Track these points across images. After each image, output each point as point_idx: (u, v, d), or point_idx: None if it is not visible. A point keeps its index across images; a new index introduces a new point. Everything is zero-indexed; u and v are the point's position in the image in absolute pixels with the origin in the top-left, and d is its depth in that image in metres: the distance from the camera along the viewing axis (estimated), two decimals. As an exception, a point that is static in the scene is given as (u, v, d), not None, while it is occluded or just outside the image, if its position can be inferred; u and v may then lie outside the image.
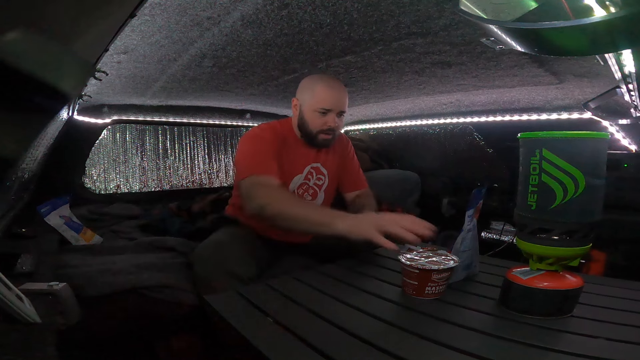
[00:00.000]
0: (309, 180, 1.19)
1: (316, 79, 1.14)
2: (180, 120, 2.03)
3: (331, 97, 1.10)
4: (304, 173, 1.18)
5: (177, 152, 2.09)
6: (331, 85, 1.11)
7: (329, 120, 1.11)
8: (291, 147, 1.15)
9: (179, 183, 2.09)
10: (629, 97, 0.95)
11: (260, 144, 1.07)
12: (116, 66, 1.08)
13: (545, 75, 1.15)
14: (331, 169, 1.23)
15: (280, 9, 0.76)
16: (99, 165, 1.86)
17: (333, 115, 1.11)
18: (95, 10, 0.27)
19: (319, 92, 1.10)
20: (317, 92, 1.11)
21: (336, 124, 1.13)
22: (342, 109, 1.13)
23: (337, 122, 1.13)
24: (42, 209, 1.20)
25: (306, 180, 1.18)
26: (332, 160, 1.23)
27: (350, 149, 1.34)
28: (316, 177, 1.21)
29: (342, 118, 1.16)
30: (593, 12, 0.41)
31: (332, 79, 1.14)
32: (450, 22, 0.81)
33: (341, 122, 1.16)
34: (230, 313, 0.63)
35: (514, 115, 1.69)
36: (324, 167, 1.22)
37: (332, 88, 1.11)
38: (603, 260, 1.23)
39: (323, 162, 1.21)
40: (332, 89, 1.11)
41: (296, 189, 1.17)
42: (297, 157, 1.16)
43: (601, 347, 0.51)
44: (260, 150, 1.06)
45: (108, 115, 1.78)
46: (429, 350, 0.51)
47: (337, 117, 1.13)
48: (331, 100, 1.10)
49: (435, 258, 0.71)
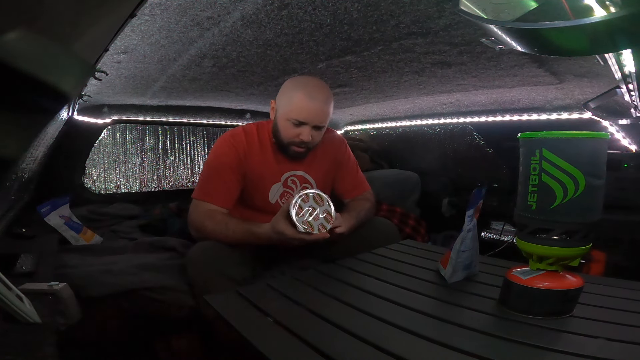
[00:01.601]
0: (293, 190, 1.12)
1: (297, 85, 1.02)
2: (180, 120, 2.03)
3: (308, 109, 0.99)
4: (281, 181, 1.10)
5: (177, 152, 2.09)
6: (312, 96, 0.99)
7: (302, 133, 1.01)
8: (267, 153, 1.08)
9: (179, 183, 2.09)
10: (629, 97, 0.94)
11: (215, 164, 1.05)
12: (116, 66, 1.08)
13: (545, 75, 1.15)
14: (318, 176, 1.15)
15: (280, 9, 0.76)
16: (99, 165, 1.86)
17: (308, 128, 1.01)
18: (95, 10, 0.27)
19: (296, 101, 1.00)
20: (295, 101, 1.00)
21: (310, 139, 1.02)
22: (319, 124, 1.02)
23: (313, 136, 1.02)
24: (42, 209, 1.20)
25: (288, 189, 1.11)
26: (319, 166, 1.15)
27: (345, 151, 1.22)
28: (301, 186, 1.12)
29: (320, 132, 1.05)
30: (593, 12, 0.41)
31: (316, 87, 1.02)
32: (450, 22, 0.81)
33: (318, 135, 1.05)
34: (230, 313, 0.63)
35: (514, 115, 1.69)
36: (308, 174, 1.13)
37: (312, 99, 0.99)
38: (603, 260, 1.23)
39: (307, 169, 1.13)
40: (311, 101, 0.99)
41: (278, 198, 1.11)
42: (273, 165, 1.09)
43: (601, 347, 0.51)
44: (212, 174, 1.05)
45: (108, 115, 1.78)
46: (429, 350, 0.51)
47: (314, 130, 1.02)
48: (307, 113, 1.00)
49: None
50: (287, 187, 1.12)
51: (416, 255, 0.97)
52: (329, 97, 1.03)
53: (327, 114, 1.03)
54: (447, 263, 0.78)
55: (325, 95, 1.02)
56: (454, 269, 0.76)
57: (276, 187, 1.10)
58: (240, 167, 1.05)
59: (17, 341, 0.51)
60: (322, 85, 1.05)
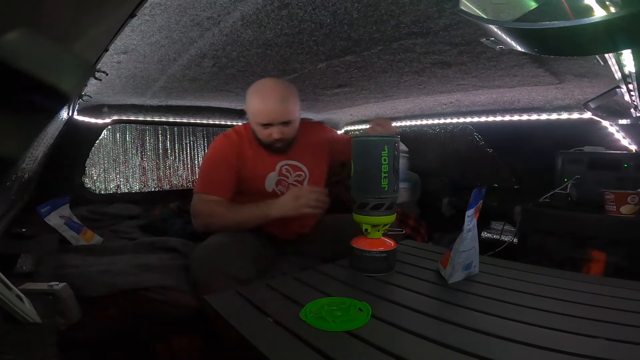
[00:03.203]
0: (287, 178, 1.18)
1: (253, 91, 1.09)
2: (180, 120, 2.03)
3: (267, 112, 1.06)
4: (276, 169, 1.16)
5: (177, 152, 2.09)
6: (265, 99, 1.06)
7: (272, 133, 1.08)
8: (259, 148, 1.15)
9: (179, 183, 2.09)
10: (629, 97, 0.95)
11: (213, 160, 1.14)
12: (116, 66, 1.08)
13: (545, 75, 1.15)
14: (309, 162, 1.21)
15: (280, 9, 0.76)
16: (99, 165, 1.86)
17: (276, 127, 1.08)
18: (95, 10, 0.27)
19: (255, 106, 1.07)
20: (253, 107, 1.08)
21: (282, 135, 1.09)
22: (283, 120, 1.08)
23: (284, 132, 1.09)
24: (42, 209, 1.20)
25: (283, 177, 1.17)
26: (307, 154, 1.21)
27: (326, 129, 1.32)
28: (295, 174, 1.19)
29: (290, 126, 1.10)
30: (593, 12, 0.41)
31: (269, 89, 1.08)
32: (450, 22, 0.81)
33: (289, 130, 1.10)
34: (230, 313, 0.63)
35: (514, 115, 1.70)
36: (301, 163, 1.20)
37: (267, 102, 1.06)
38: (603, 260, 1.23)
39: (297, 158, 1.19)
40: (266, 104, 1.06)
41: (275, 186, 1.17)
42: (266, 157, 1.15)
43: (601, 347, 0.51)
44: (211, 169, 1.13)
45: (108, 115, 1.78)
46: (429, 349, 0.51)
47: (283, 127, 1.08)
48: (267, 115, 1.06)
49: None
50: (282, 175, 1.17)
51: (416, 255, 0.97)
52: (284, 94, 1.08)
53: (287, 110, 1.08)
54: (447, 263, 0.78)
55: (280, 94, 1.07)
56: (454, 269, 0.76)
57: (272, 176, 1.16)
58: (235, 161, 1.12)
59: (17, 341, 0.51)
60: (275, 85, 1.09)
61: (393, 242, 0.85)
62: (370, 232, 0.84)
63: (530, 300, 0.67)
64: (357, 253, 0.84)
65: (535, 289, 0.72)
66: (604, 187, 1.26)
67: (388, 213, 0.83)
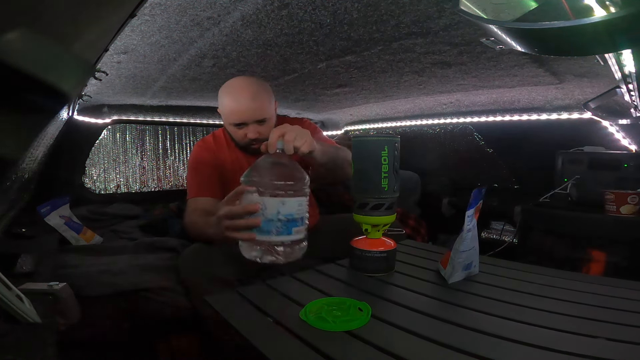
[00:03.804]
0: None
1: (224, 91, 1.03)
2: (180, 120, 2.03)
3: (240, 111, 1.00)
4: None
5: (177, 152, 2.09)
6: (237, 98, 0.99)
7: (248, 132, 1.02)
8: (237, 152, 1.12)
9: (179, 183, 2.09)
10: (629, 97, 0.95)
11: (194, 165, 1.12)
12: (116, 66, 1.08)
13: (545, 75, 1.15)
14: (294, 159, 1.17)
15: (280, 9, 0.76)
16: (99, 165, 1.86)
17: (250, 126, 1.02)
18: (95, 10, 0.27)
19: (225, 106, 1.02)
20: (225, 107, 1.02)
21: (258, 135, 1.02)
22: (257, 119, 1.01)
23: (260, 131, 1.02)
24: (42, 209, 1.20)
25: None
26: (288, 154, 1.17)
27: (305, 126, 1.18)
28: None
29: (265, 125, 1.03)
30: (593, 12, 0.41)
31: (239, 87, 1.01)
32: (450, 22, 0.81)
33: (265, 128, 1.03)
34: (230, 313, 0.63)
35: (514, 115, 1.70)
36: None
37: (238, 101, 0.99)
38: (603, 260, 1.23)
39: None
40: (238, 103, 0.99)
41: None
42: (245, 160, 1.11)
43: (601, 347, 0.51)
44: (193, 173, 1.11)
45: (108, 115, 1.78)
46: (429, 349, 0.51)
47: (258, 125, 1.02)
48: (240, 115, 1.00)
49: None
50: None
51: (416, 255, 0.97)
52: (256, 91, 1.01)
53: (260, 107, 1.01)
54: (447, 263, 0.78)
55: (251, 92, 1.00)
56: (454, 269, 0.76)
57: None
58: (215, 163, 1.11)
59: (17, 341, 0.51)
60: (246, 83, 1.03)
61: (393, 242, 0.85)
62: (370, 232, 0.84)
63: (530, 300, 0.67)
64: (357, 253, 0.84)
65: (535, 289, 0.72)
66: (604, 187, 1.26)
67: (388, 213, 0.83)
